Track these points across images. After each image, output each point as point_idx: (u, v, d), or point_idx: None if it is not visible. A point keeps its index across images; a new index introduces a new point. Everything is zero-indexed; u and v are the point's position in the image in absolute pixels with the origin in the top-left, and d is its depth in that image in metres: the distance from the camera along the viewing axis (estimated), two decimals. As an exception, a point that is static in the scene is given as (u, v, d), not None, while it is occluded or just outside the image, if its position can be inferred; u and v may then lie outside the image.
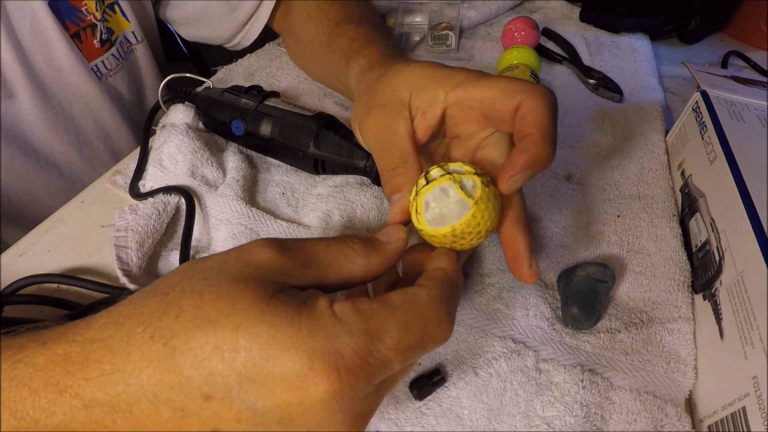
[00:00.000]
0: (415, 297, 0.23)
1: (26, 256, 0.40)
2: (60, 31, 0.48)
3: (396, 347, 0.21)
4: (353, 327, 0.20)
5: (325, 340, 0.20)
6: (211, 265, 0.22)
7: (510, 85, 0.29)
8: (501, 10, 0.74)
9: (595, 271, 0.35)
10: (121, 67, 0.57)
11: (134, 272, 0.36)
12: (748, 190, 0.33)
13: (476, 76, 0.31)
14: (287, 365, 0.19)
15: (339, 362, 0.19)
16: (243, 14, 0.58)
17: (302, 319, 0.20)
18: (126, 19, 0.56)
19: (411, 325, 0.22)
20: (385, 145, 0.31)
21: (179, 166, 0.43)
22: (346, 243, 0.25)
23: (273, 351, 0.19)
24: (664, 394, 0.32)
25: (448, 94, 0.31)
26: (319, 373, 0.19)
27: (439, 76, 0.32)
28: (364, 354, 0.20)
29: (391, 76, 0.34)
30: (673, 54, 0.69)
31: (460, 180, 0.27)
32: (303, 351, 0.19)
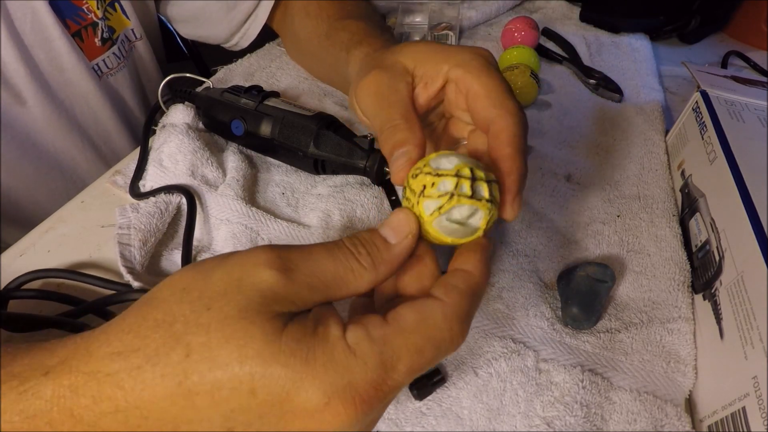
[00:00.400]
0: (428, 317, 0.22)
1: (26, 256, 0.40)
2: (61, 30, 0.48)
3: (408, 372, 0.21)
4: (368, 360, 0.20)
5: (340, 376, 0.20)
6: (213, 290, 0.21)
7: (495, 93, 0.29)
8: (501, 10, 0.74)
9: (595, 271, 0.35)
10: (122, 66, 0.57)
11: (138, 270, 0.36)
12: (748, 190, 0.33)
13: (479, 65, 0.30)
14: (305, 402, 0.20)
15: (355, 396, 0.20)
16: (241, 14, 0.58)
17: (317, 356, 0.20)
18: (126, 17, 0.56)
19: (423, 350, 0.21)
20: (385, 103, 0.30)
21: (179, 165, 0.43)
22: (353, 257, 0.23)
23: (290, 391, 0.19)
24: (664, 394, 0.32)
25: (451, 69, 0.31)
26: (336, 407, 0.20)
27: (444, 51, 0.32)
28: (379, 384, 0.20)
29: (395, 49, 0.33)
30: (673, 54, 0.69)
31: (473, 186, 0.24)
32: (319, 389, 0.20)
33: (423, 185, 0.24)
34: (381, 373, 0.20)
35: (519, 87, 0.53)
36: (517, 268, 0.38)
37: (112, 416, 0.20)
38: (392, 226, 0.24)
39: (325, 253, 0.23)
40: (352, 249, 0.23)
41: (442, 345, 0.22)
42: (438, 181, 0.24)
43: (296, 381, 0.19)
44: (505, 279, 0.38)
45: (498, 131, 0.28)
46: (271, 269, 0.21)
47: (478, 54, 0.32)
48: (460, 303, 0.23)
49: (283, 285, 0.21)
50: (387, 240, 0.24)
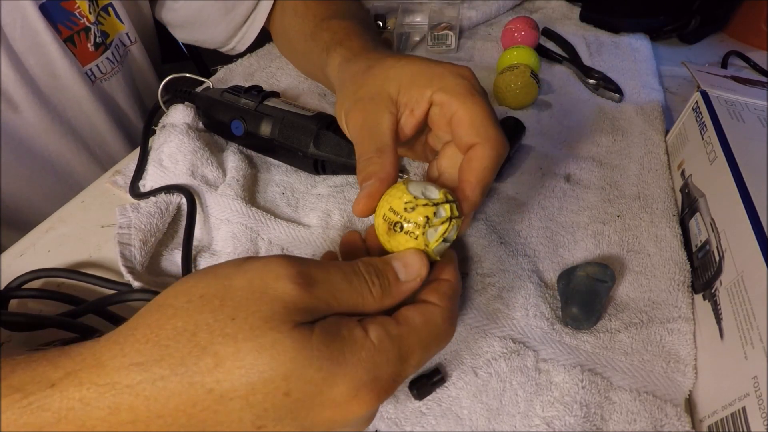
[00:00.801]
0: (431, 318, 0.26)
1: (26, 256, 0.40)
2: (53, 35, 0.48)
3: (417, 365, 0.25)
4: (390, 356, 0.23)
5: (367, 372, 0.22)
6: (235, 300, 0.22)
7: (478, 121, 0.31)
8: (501, 10, 0.74)
9: (595, 271, 0.35)
10: (116, 71, 0.57)
11: (138, 270, 0.36)
12: (748, 190, 0.33)
13: (463, 90, 0.31)
14: (335, 397, 0.22)
15: (379, 387, 0.22)
16: (239, 16, 0.58)
17: (346, 357, 0.22)
18: (120, 21, 0.56)
19: (430, 346, 0.25)
20: (366, 135, 0.32)
21: (179, 165, 0.43)
22: (366, 283, 0.25)
23: (323, 389, 0.21)
24: (664, 394, 0.32)
25: (434, 94, 0.32)
26: (363, 398, 0.22)
27: (429, 74, 0.32)
28: (395, 376, 0.23)
29: (381, 70, 0.34)
30: (673, 54, 0.69)
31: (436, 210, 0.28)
32: (351, 384, 0.22)
33: (426, 216, 0.27)
34: (399, 366, 0.23)
35: (519, 87, 0.53)
36: (517, 268, 0.38)
37: (131, 426, 0.20)
38: (406, 263, 0.27)
39: (342, 276, 0.24)
40: (366, 278, 0.25)
41: (442, 340, 0.26)
42: (435, 210, 0.28)
43: (328, 380, 0.21)
44: (505, 279, 0.38)
45: (472, 158, 0.31)
46: (293, 283, 0.22)
47: (462, 77, 0.32)
48: (451, 306, 0.27)
49: (304, 298, 0.22)
50: (398, 276, 0.26)
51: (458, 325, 0.35)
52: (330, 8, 0.52)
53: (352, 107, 0.34)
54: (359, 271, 0.25)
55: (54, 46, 0.48)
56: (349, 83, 0.36)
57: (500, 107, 0.56)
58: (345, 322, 0.23)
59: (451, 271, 0.29)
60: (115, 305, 0.33)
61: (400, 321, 0.25)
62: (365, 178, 0.30)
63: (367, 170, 0.30)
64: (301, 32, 0.53)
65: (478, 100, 0.31)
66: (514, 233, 0.41)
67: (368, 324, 0.24)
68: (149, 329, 0.21)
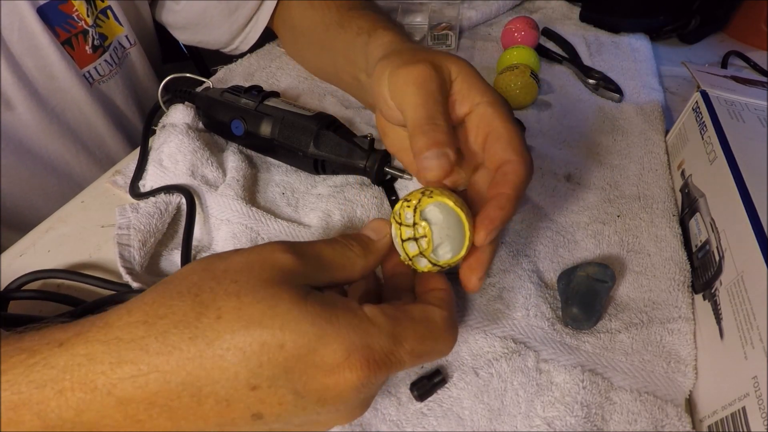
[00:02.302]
0: (431, 315, 0.26)
1: (26, 256, 0.40)
2: (50, 38, 0.48)
3: (411, 352, 0.24)
4: (382, 329, 0.24)
5: (359, 337, 0.23)
6: (236, 268, 0.23)
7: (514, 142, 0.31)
8: (501, 10, 0.74)
9: (595, 271, 0.35)
10: (115, 73, 0.57)
11: (137, 270, 0.36)
12: (748, 190, 0.33)
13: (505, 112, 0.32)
14: (329, 356, 0.22)
15: (370, 356, 0.23)
16: (242, 17, 0.58)
17: (339, 318, 0.23)
18: (119, 24, 0.56)
19: (425, 338, 0.25)
20: (431, 99, 0.30)
21: (179, 165, 0.43)
22: (346, 246, 0.27)
23: (317, 345, 0.22)
24: (665, 394, 0.32)
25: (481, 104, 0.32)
26: (354, 363, 0.22)
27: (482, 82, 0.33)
28: (388, 353, 0.23)
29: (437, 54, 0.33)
30: (673, 54, 0.69)
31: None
32: (342, 345, 0.22)
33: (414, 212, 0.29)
34: (392, 343, 0.23)
35: (519, 87, 0.53)
36: (517, 268, 0.38)
37: (131, 381, 0.21)
38: (372, 228, 0.30)
39: (324, 244, 0.27)
40: (345, 242, 0.28)
41: (438, 341, 0.26)
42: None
43: (321, 337, 0.22)
44: (505, 279, 0.38)
45: (508, 172, 0.30)
46: (285, 253, 0.24)
47: (503, 99, 0.33)
48: (449, 311, 0.27)
49: (298, 264, 0.24)
50: (370, 237, 0.29)
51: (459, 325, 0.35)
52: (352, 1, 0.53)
53: (412, 65, 0.31)
54: (337, 240, 0.28)
55: (52, 48, 0.48)
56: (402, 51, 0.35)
57: (500, 107, 0.56)
58: (340, 297, 0.25)
59: (442, 280, 0.30)
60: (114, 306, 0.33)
61: (397, 308, 0.26)
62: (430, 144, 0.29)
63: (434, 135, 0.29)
64: (322, 23, 0.52)
65: (514, 123, 0.32)
66: (514, 233, 0.41)
67: (364, 303, 0.25)
68: (156, 295, 0.23)
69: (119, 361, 0.21)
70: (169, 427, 0.22)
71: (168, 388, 0.21)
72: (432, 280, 0.30)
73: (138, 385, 0.21)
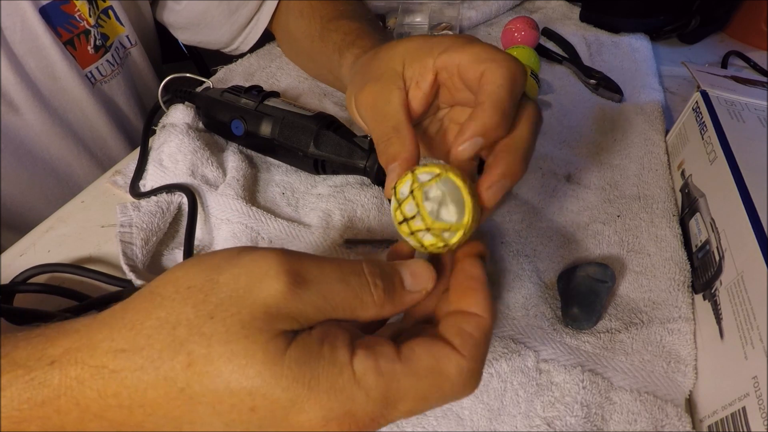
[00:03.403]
0: (443, 367, 0.21)
1: (26, 256, 0.40)
2: (52, 38, 0.48)
3: (407, 413, 0.21)
4: (371, 393, 0.20)
5: (340, 404, 0.20)
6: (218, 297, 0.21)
7: (482, 53, 0.29)
8: (501, 10, 0.74)
9: (595, 271, 0.35)
10: (116, 73, 0.57)
11: (139, 268, 0.36)
12: (748, 190, 0.33)
13: (461, 42, 0.30)
14: (304, 422, 0.20)
15: (351, 423, 0.20)
16: (243, 17, 0.58)
17: (320, 382, 0.20)
18: (120, 24, 0.56)
19: (428, 398, 0.21)
20: (379, 115, 0.31)
21: (179, 165, 0.43)
22: (367, 288, 0.22)
23: (290, 412, 0.20)
24: (665, 394, 0.32)
25: (436, 60, 0.31)
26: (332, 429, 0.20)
27: (429, 44, 0.31)
28: (376, 418, 0.20)
29: (386, 51, 0.33)
30: (673, 54, 0.69)
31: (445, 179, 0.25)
32: (319, 413, 0.20)
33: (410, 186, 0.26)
34: (381, 408, 0.20)
35: (519, 87, 0.53)
36: (517, 268, 0.38)
37: (117, 410, 0.21)
38: (414, 272, 0.24)
39: (338, 275, 0.22)
40: (370, 279, 0.22)
41: (450, 396, 0.22)
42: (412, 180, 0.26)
43: (297, 404, 0.20)
44: (505, 279, 0.38)
45: (482, 84, 0.28)
46: (279, 282, 0.20)
47: (460, 36, 0.32)
48: (477, 357, 0.22)
49: (290, 302, 0.20)
50: (404, 284, 0.24)
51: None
52: (337, 9, 0.52)
53: (361, 90, 0.32)
54: (361, 271, 0.22)
55: (54, 48, 0.49)
56: (357, 73, 0.36)
57: (500, 107, 0.56)
58: (331, 338, 0.21)
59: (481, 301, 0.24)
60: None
61: (402, 357, 0.21)
62: (389, 161, 0.29)
63: (388, 152, 0.29)
64: (308, 34, 0.53)
65: (478, 43, 0.30)
66: (514, 233, 0.41)
67: (359, 348, 0.21)
68: (137, 316, 0.21)
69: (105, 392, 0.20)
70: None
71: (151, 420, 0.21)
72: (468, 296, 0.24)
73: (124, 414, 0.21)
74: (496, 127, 0.27)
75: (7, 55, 0.46)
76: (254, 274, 0.21)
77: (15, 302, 0.34)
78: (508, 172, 0.27)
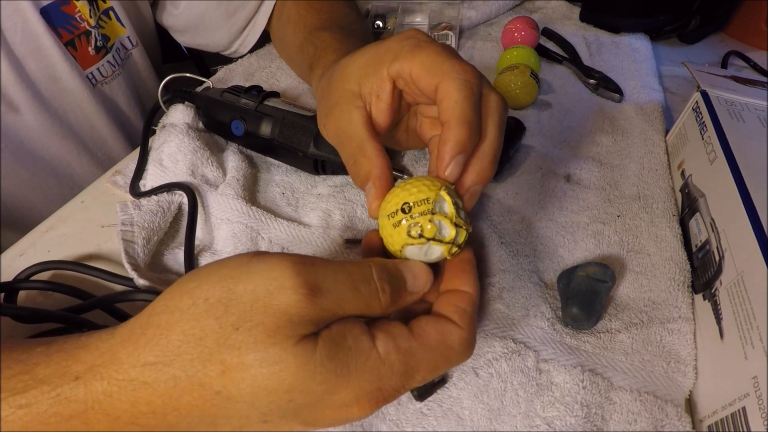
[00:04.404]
0: (448, 339, 0.25)
1: (26, 256, 0.40)
2: (53, 39, 0.48)
3: (422, 381, 0.25)
4: (395, 369, 0.23)
5: (370, 383, 0.23)
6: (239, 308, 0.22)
7: (431, 63, 0.29)
8: (501, 10, 0.74)
9: (595, 271, 0.35)
10: (117, 74, 0.57)
11: (141, 267, 0.36)
12: (748, 190, 0.33)
13: (408, 47, 0.30)
14: (338, 401, 0.22)
15: (379, 396, 0.23)
16: (241, 20, 0.58)
17: (350, 369, 0.22)
18: (121, 25, 0.56)
19: (438, 366, 0.25)
20: (343, 137, 0.31)
21: (179, 165, 0.43)
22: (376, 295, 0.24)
23: (325, 397, 0.22)
24: (665, 394, 0.32)
25: (389, 70, 0.31)
26: (363, 404, 0.23)
27: (379, 55, 0.31)
28: (398, 388, 0.24)
29: (339, 73, 0.33)
30: (673, 54, 0.69)
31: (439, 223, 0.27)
32: (351, 393, 0.22)
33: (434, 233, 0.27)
34: (403, 380, 0.24)
35: (519, 87, 0.53)
36: (517, 268, 0.38)
37: (151, 416, 0.22)
38: (414, 274, 0.27)
39: (350, 285, 0.24)
40: (378, 285, 0.24)
41: (453, 363, 0.26)
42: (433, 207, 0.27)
43: (331, 390, 0.22)
44: (505, 279, 0.38)
45: (440, 100, 0.29)
46: (298, 294, 0.22)
47: (406, 38, 0.31)
48: (471, 327, 0.26)
49: (309, 310, 0.22)
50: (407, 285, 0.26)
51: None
52: (321, 17, 0.52)
53: (326, 118, 0.33)
54: (370, 278, 0.24)
55: (54, 49, 0.49)
56: (320, 99, 0.36)
57: (500, 107, 0.56)
58: (351, 330, 0.23)
59: (471, 280, 0.28)
60: (123, 303, 0.34)
61: (414, 334, 0.25)
62: (362, 182, 0.30)
63: (359, 174, 0.30)
64: (293, 43, 0.53)
65: (427, 48, 0.30)
66: (514, 233, 0.41)
67: (378, 332, 0.24)
68: (159, 331, 0.22)
69: (137, 402, 0.21)
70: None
71: (187, 421, 0.22)
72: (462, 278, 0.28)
73: (158, 420, 0.22)
74: (468, 140, 0.28)
75: (7, 56, 0.46)
76: (271, 286, 0.22)
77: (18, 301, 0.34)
78: (479, 179, 0.29)
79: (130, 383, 0.21)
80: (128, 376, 0.21)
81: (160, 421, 0.22)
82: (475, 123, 0.28)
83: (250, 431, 0.23)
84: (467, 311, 0.26)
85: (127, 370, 0.22)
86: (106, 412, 0.22)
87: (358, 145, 0.30)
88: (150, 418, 0.22)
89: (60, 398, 0.21)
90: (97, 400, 0.21)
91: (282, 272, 0.22)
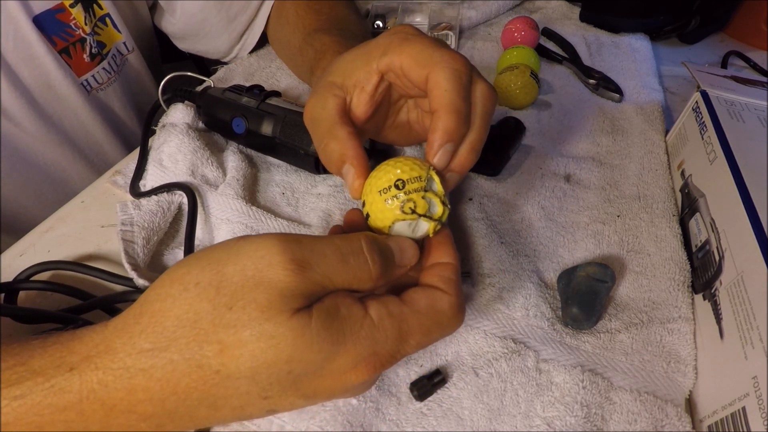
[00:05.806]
0: (438, 305, 0.26)
1: (26, 256, 0.40)
2: (47, 47, 0.48)
3: (416, 346, 0.25)
4: (388, 333, 0.24)
5: (366, 348, 0.23)
6: (230, 288, 0.22)
7: (420, 55, 0.29)
8: (501, 10, 0.74)
9: (595, 271, 0.35)
10: (113, 80, 0.57)
11: (141, 267, 0.36)
12: (748, 190, 0.33)
13: (397, 41, 0.31)
14: (336, 368, 0.23)
15: (376, 361, 0.24)
16: (241, 25, 0.58)
17: (346, 336, 0.23)
18: (117, 31, 0.56)
19: (431, 331, 0.26)
20: (315, 122, 0.31)
21: (179, 165, 0.43)
22: (366, 266, 0.25)
23: (324, 365, 0.23)
24: (665, 394, 0.32)
25: (378, 64, 0.31)
26: (361, 369, 0.23)
27: (367, 51, 0.32)
28: (394, 353, 0.24)
29: (328, 69, 0.34)
30: (673, 54, 0.69)
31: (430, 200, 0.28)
32: (349, 359, 0.23)
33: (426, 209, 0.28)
34: (397, 344, 0.24)
35: (519, 87, 0.53)
36: (517, 268, 0.38)
37: (149, 403, 0.22)
38: (402, 248, 0.27)
39: (338, 257, 0.24)
40: (369, 257, 0.25)
41: (445, 328, 0.26)
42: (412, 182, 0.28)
43: (328, 358, 0.22)
44: (505, 279, 0.38)
45: (430, 90, 0.29)
46: (286, 270, 0.22)
47: (395, 33, 0.32)
48: (458, 293, 0.27)
49: (299, 284, 0.22)
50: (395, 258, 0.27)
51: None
52: (320, 18, 0.52)
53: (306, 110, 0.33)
54: (360, 250, 0.25)
55: (48, 57, 0.48)
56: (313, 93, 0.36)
57: (500, 107, 0.56)
58: (343, 300, 0.24)
59: (451, 252, 0.29)
60: (123, 303, 0.34)
61: (404, 301, 0.25)
62: (336, 165, 0.30)
63: (331, 157, 0.30)
64: (291, 44, 0.53)
65: (416, 40, 0.30)
66: (514, 233, 0.41)
67: (369, 301, 0.25)
68: (153, 319, 0.22)
69: (133, 389, 0.22)
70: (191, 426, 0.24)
71: (186, 404, 0.22)
72: (442, 251, 0.29)
73: (155, 405, 0.22)
74: (457, 129, 0.29)
75: (1, 64, 0.46)
76: (260, 263, 0.22)
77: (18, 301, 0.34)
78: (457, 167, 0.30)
79: (126, 371, 0.22)
80: (124, 364, 0.22)
81: (158, 407, 0.22)
82: (464, 111, 0.29)
83: (251, 409, 0.23)
84: (452, 279, 0.27)
85: (122, 358, 0.22)
86: (101, 401, 0.22)
87: (327, 129, 0.30)
88: (147, 405, 0.22)
89: (54, 389, 0.22)
90: (92, 389, 0.22)
91: (269, 250, 0.22)
